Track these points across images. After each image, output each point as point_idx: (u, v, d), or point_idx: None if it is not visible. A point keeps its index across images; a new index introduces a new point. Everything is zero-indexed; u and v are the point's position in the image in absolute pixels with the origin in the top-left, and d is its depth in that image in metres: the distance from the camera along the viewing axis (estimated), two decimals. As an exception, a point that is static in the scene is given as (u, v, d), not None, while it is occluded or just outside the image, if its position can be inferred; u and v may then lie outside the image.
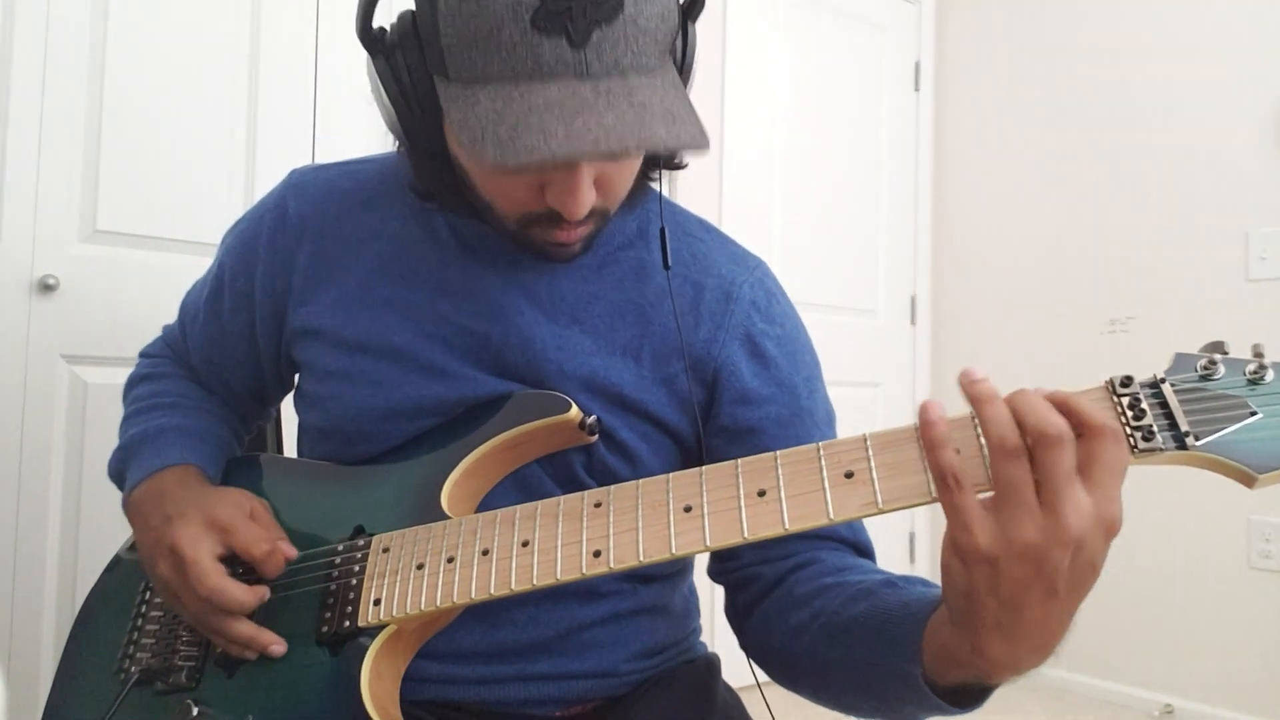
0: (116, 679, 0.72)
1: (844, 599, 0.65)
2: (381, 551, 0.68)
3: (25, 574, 1.48)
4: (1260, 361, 0.51)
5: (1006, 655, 0.50)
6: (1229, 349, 0.53)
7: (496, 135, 0.57)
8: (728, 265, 0.81)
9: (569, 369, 0.74)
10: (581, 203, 0.64)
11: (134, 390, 0.89)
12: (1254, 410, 0.50)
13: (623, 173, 0.68)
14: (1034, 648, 0.49)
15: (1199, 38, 2.33)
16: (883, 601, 0.62)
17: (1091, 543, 0.46)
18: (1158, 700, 2.30)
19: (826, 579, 0.69)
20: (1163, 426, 0.51)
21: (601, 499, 0.62)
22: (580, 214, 0.64)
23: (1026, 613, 0.48)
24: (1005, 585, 0.47)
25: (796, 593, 0.70)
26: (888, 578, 0.66)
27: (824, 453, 0.57)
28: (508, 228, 0.71)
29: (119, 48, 1.57)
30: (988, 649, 0.50)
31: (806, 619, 0.67)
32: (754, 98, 2.52)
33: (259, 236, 0.81)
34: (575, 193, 0.63)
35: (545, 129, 0.56)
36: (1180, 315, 2.34)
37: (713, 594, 2.34)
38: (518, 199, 0.67)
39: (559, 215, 0.65)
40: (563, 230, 0.68)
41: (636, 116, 0.58)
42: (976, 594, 0.48)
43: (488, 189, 0.68)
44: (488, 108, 0.58)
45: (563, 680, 0.75)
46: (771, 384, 0.77)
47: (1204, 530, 2.25)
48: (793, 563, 0.73)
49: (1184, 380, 0.52)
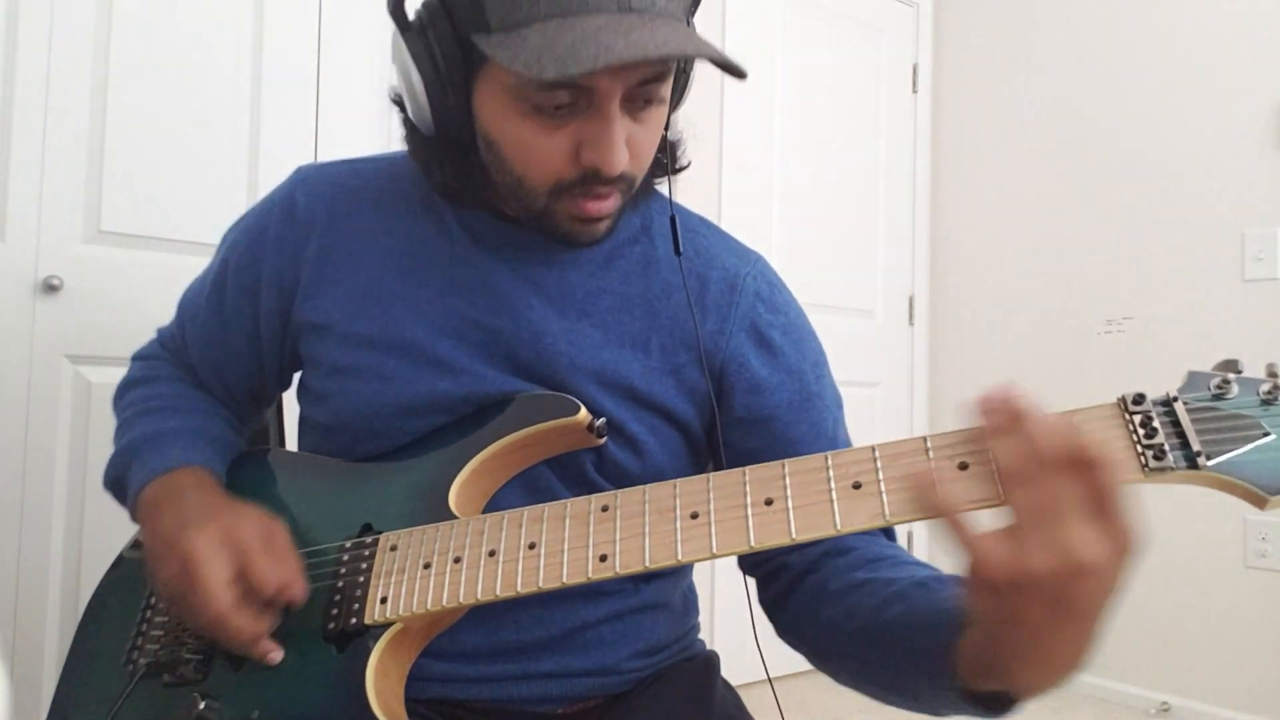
0: (124, 672, 0.72)
1: (878, 600, 0.65)
2: (389, 550, 0.68)
3: (29, 572, 1.49)
4: (1275, 381, 0.51)
5: (1035, 678, 0.50)
6: (1243, 367, 0.53)
7: (554, 53, 0.59)
8: (730, 259, 0.82)
9: (579, 362, 0.75)
10: (619, 154, 0.65)
11: (128, 395, 0.86)
12: (1267, 431, 0.50)
13: (648, 136, 0.70)
14: (1061, 668, 0.49)
15: (1195, 40, 2.34)
16: (916, 607, 0.62)
17: (1112, 569, 0.46)
18: (1154, 698, 2.31)
19: (858, 573, 0.69)
20: (1174, 445, 0.51)
21: (608, 503, 0.62)
22: (619, 166, 0.66)
23: (1052, 639, 0.48)
24: (1030, 614, 0.47)
25: (829, 588, 0.70)
26: (919, 578, 0.65)
27: (832, 463, 0.57)
28: (536, 206, 0.70)
29: (123, 49, 1.58)
30: (1015, 671, 0.50)
31: (840, 617, 0.67)
32: (753, 100, 2.53)
33: (266, 230, 0.81)
34: (612, 143, 0.65)
35: (602, 42, 0.58)
36: (1176, 316, 2.35)
37: (712, 592, 2.34)
38: (551, 165, 0.67)
39: (593, 177, 0.67)
40: (594, 199, 0.68)
41: (684, 35, 0.62)
42: (1001, 623, 0.48)
43: (519, 159, 0.68)
44: (538, 40, 0.60)
45: (565, 678, 0.76)
46: (781, 371, 0.78)
47: (1201, 529, 2.25)
48: (820, 550, 0.73)
49: (1197, 399, 0.52)
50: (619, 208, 0.72)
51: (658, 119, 0.70)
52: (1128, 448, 0.51)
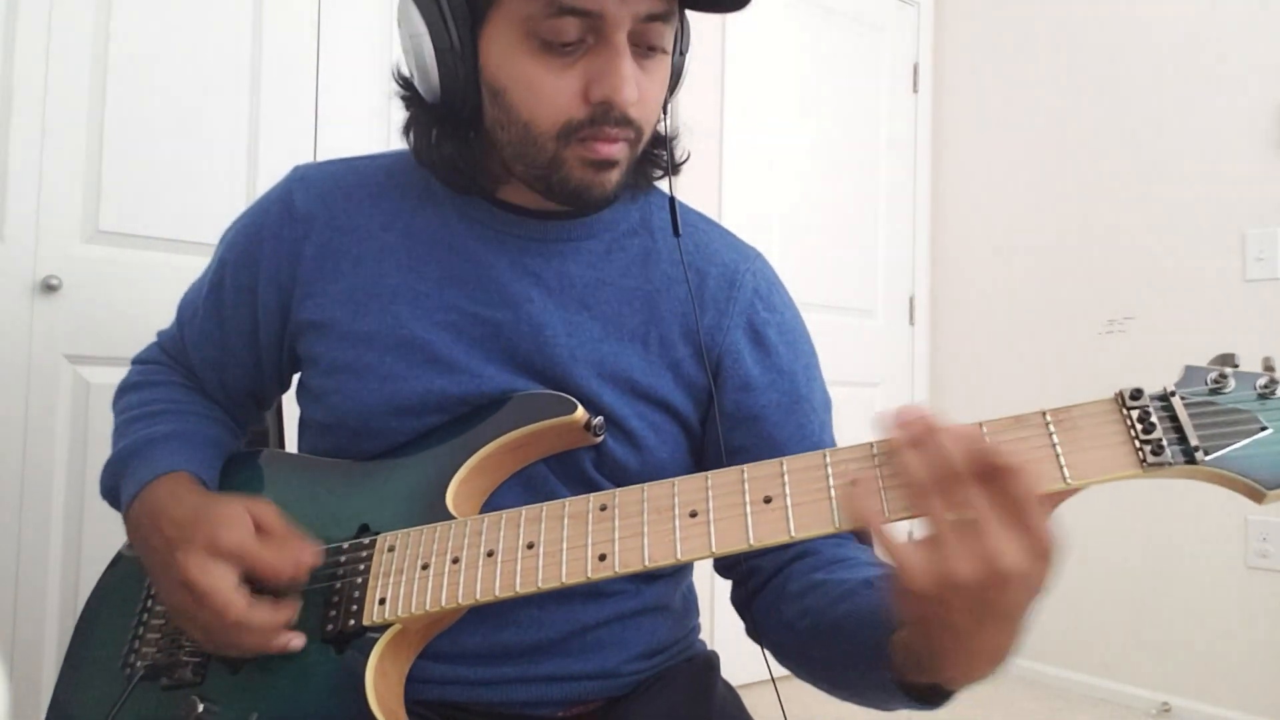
0: (122, 675, 0.72)
1: (829, 600, 0.67)
2: (386, 550, 0.68)
3: (28, 572, 1.49)
4: (1271, 376, 0.51)
5: (962, 672, 0.53)
6: (1239, 361, 0.53)
7: None
8: (729, 254, 0.82)
9: (580, 354, 0.74)
10: (629, 87, 0.66)
11: (123, 400, 0.86)
12: (1264, 425, 0.50)
13: (654, 83, 0.70)
14: (987, 663, 0.52)
15: (1195, 41, 2.34)
16: (859, 605, 0.64)
17: (1033, 574, 0.47)
18: (1155, 699, 2.31)
19: (817, 574, 0.71)
20: (1172, 440, 0.51)
21: (607, 502, 0.62)
22: (629, 99, 0.66)
23: (977, 639, 0.50)
24: (953, 618, 0.49)
25: (790, 588, 0.72)
26: (867, 576, 0.67)
27: (830, 460, 0.57)
28: (545, 154, 0.69)
29: (122, 48, 1.58)
30: (944, 668, 0.53)
31: (796, 615, 0.70)
32: (753, 99, 2.52)
33: (264, 229, 0.80)
34: (621, 74, 0.65)
35: None
36: (1177, 316, 2.34)
37: (712, 592, 2.34)
38: (560, 105, 0.67)
39: (603, 116, 0.67)
40: (604, 140, 0.68)
41: None
42: (926, 625, 0.51)
43: (528, 101, 0.68)
44: None
45: (566, 681, 0.76)
46: (772, 371, 0.79)
47: (1201, 530, 2.25)
48: (791, 553, 0.74)
49: (1194, 394, 0.52)
50: (628, 160, 0.72)
51: (662, 69, 0.71)
52: (1125, 443, 0.52)
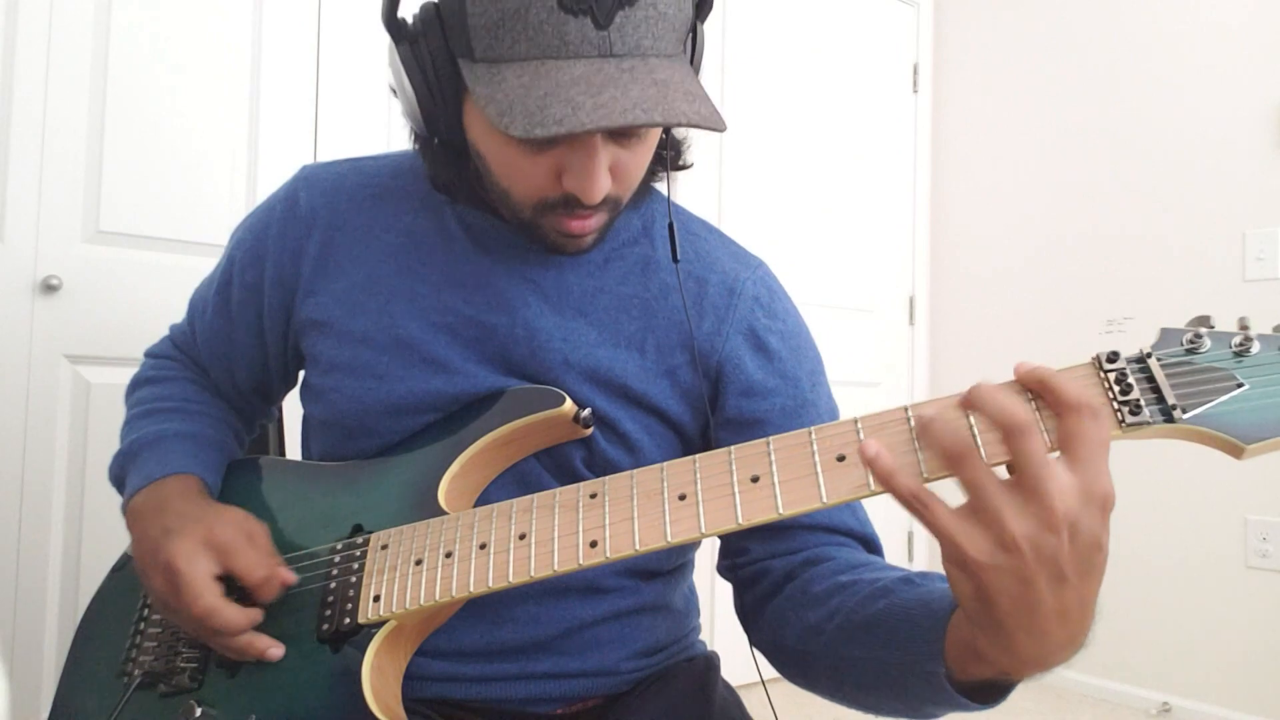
0: (120, 682, 0.72)
1: (861, 597, 0.64)
2: (380, 548, 0.68)
3: (28, 573, 1.49)
4: (1245, 334, 0.52)
5: (1034, 651, 0.49)
6: (1215, 323, 0.53)
7: (525, 107, 0.58)
8: (730, 262, 0.82)
9: (574, 360, 0.75)
10: (598, 186, 0.65)
11: (137, 393, 0.88)
12: (1240, 382, 0.50)
13: (636, 160, 0.69)
14: (1060, 640, 0.49)
15: (1196, 40, 2.34)
16: (901, 599, 0.61)
17: (1087, 521, 0.46)
18: (1155, 699, 2.31)
19: (841, 577, 0.68)
20: (1150, 400, 0.51)
21: (597, 490, 0.62)
22: (596, 197, 0.65)
23: (1041, 605, 0.47)
24: (1010, 583, 0.46)
25: (812, 591, 0.69)
26: (905, 574, 0.65)
27: (816, 436, 0.57)
28: (522, 217, 0.71)
29: (122, 48, 1.58)
30: (1015, 647, 0.49)
31: (823, 618, 0.67)
32: (753, 98, 2.53)
33: (269, 228, 0.82)
34: (592, 176, 0.64)
35: (573, 101, 0.57)
36: (1177, 316, 2.32)
37: (712, 592, 2.34)
38: (534, 185, 0.67)
39: (574, 201, 0.66)
40: (576, 219, 0.69)
41: (660, 93, 0.59)
42: (986, 598, 0.48)
43: (505, 175, 0.69)
44: (514, 83, 0.59)
45: (564, 679, 0.76)
46: (775, 376, 0.78)
47: (1201, 529, 2.25)
48: (802, 558, 0.73)
49: (1170, 354, 0.52)
50: (606, 223, 0.72)
51: (649, 143, 0.70)
52: (1104, 405, 0.51)
